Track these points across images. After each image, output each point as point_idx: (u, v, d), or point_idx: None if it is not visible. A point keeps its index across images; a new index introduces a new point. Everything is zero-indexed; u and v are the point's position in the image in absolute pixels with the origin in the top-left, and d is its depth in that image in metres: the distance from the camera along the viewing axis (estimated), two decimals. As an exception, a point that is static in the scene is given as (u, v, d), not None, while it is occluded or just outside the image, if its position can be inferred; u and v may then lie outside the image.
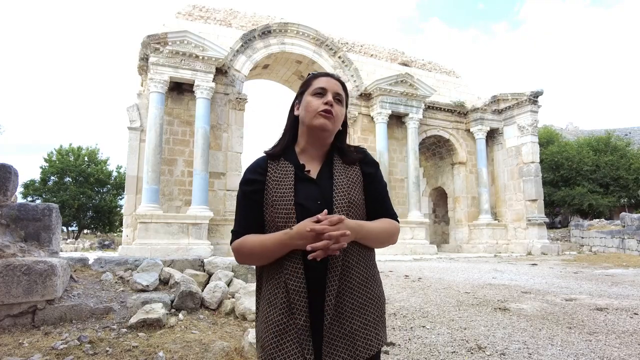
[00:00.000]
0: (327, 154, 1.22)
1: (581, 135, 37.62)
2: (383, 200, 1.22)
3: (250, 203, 1.15)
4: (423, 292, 5.49)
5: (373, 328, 1.08)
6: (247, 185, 1.16)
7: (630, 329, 3.46)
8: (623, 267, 9.42)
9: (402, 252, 14.14)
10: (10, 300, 2.97)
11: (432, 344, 3.08)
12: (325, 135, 1.18)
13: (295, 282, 1.04)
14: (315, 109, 1.15)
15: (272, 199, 1.11)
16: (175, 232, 11.51)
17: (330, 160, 1.20)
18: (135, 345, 2.76)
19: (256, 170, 1.17)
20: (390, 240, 1.19)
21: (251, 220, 1.14)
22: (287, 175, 1.14)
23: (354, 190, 1.15)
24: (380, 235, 1.15)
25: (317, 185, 1.14)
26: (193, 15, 14.29)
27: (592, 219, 21.71)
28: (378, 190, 1.21)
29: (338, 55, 15.71)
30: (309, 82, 1.21)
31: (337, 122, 1.18)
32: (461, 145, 17.78)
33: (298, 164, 1.17)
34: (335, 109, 1.16)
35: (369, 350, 1.05)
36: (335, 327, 1.04)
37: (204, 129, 12.38)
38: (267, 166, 1.17)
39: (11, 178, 3.92)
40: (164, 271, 4.38)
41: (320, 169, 1.19)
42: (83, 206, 29.01)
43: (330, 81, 1.19)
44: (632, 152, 27.96)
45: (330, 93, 1.17)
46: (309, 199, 1.10)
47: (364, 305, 1.09)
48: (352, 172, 1.18)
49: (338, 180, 1.15)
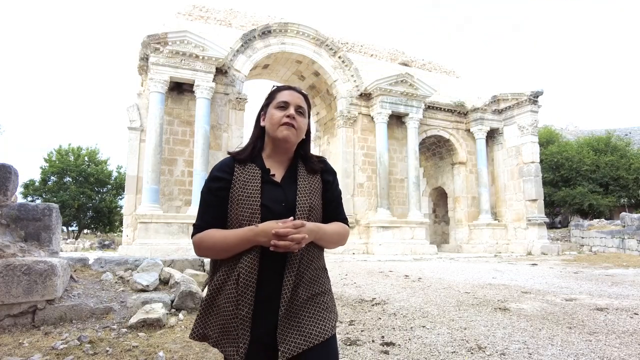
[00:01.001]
0: (291, 160, 1.31)
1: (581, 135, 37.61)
2: (337, 206, 1.33)
3: (215, 199, 1.22)
4: (423, 292, 5.49)
5: (325, 315, 1.19)
6: (213, 182, 1.24)
7: (630, 329, 3.46)
8: (623, 267, 9.42)
9: (402, 252, 14.14)
10: (11, 300, 2.97)
11: (432, 344, 3.08)
12: (288, 146, 1.27)
13: (247, 276, 1.12)
14: (278, 122, 1.23)
15: (238, 198, 1.19)
16: (175, 232, 11.51)
17: (295, 167, 1.30)
18: (136, 345, 2.76)
19: (223, 169, 1.24)
20: (341, 241, 1.30)
21: (214, 216, 1.21)
22: (254, 177, 1.22)
23: (315, 196, 1.26)
24: (334, 237, 1.26)
25: (281, 189, 1.24)
26: (193, 15, 14.30)
27: (592, 219, 21.71)
28: (334, 197, 1.33)
29: (338, 55, 15.71)
30: (273, 95, 1.29)
31: (300, 133, 1.27)
32: (461, 145, 17.78)
33: (264, 168, 1.25)
34: (297, 121, 1.24)
35: (320, 336, 1.14)
36: (289, 316, 1.13)
37: (204, 129, 12.38)
38: (235, 167, 1.24)
39: (11, 178, 3.92)
40: (164, 271, 4.38)
41: (284, 174, 1.28)
42: (83, 206, 29.01)
43: (292, 94, 1.27)
44: (632, 152, 27.95)
45: (292, 106, 1.25)
46: (274, 201, 1.20)
47: (316, 297, 1.19)
48: (314, 179, 1.29)
49: (301, 186, 1.25)
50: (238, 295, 1.12)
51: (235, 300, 1.13)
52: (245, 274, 1.13)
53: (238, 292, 1.13)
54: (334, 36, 16.40)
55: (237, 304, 1.12)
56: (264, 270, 1.14)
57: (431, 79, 17.81)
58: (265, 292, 1.14)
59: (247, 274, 1.12)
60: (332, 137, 16.55)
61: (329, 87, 16.24)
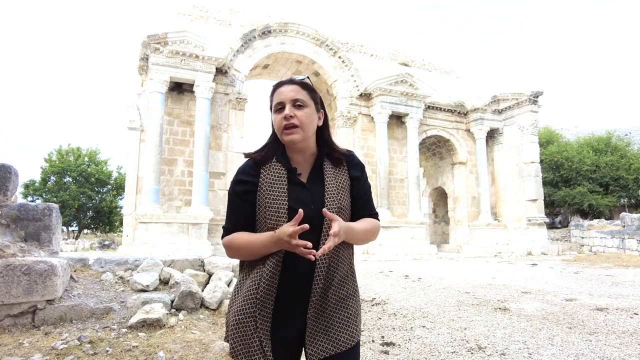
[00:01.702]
0: (315, 156, 1.26)
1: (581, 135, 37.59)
2: (367, 201, 1.29)
3: (241, 202, 1.20)
4: (423, 292, 5.49)
5: (353, 321, 1.16)
6: (238, 185, 1.21)
7: (630, 329, 3.46)
8: (623, 267, 9.42)
9: (402, 252, 14.14)
10: (11, 300, 2.97)
11: (432, 344, 3.07)
12: (299, 146, 1.21)
13: (268, 281, 1.10)
14: (280, 127, 1.19)
15: (265, 201, 1.16)
16: (175, 232, 11.50)
17: (320, 165, 1.24)
18: (136, 345, 2.76)
19: (249, 172, 1.21)
20: (371, 238, 1.26)
21: (241, 219, 1.19)
22: (280, 178, 1.18)
23: (343, 195, 1.22)
24: (365, 235, 1.22)
25: (307, 190, 1.19)
26: (193, 15, 14.29)
27: (592, 219, 21.70)
28: (362, 192, 1.28)
29: (338, 55, 15.71)
30: (271, 99, 1.24)
31: (306, 128, 1.19)
32: (461, 145, 17.78)
33: (290, 167, 1.21)
34: (297, 117, 1.17)
35: (349, 342, 1.12)
36: (318, 319, 1.11)
37: (204, 129, 12.37)
38: (260, 169, 1.21)
39: (11, 178, 3.92)
40: (164, 271, 4.38)
41: (310, 173, 1.23)
42: (83, 206, 29.00)
43: (283, 90, 1.20)
44: (632, 152, 27.94)
45: (288, 104, 1.18)
46: (301, 203, 1.14)
47: (345, 300, 1.17)
48: (341, 176, 1.24)
49: (329, 185, 1.20)
50: (258, 300, 1.10)
51: (255, 305, 1.11)
52: (267, 279, 1.11)
53: (258, 297, 1.11)
54: (334, 36, 16.40)
55: (258, 308, 1.10)
56: (290, 271, 1.12)
57: (431, 79, 17.80)
58: (292, 294, 1.13)
59: (268, 279, 1.10)
60: (332, 137, 16.52)
61: (329, 87, 16.24)
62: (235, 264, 4.90)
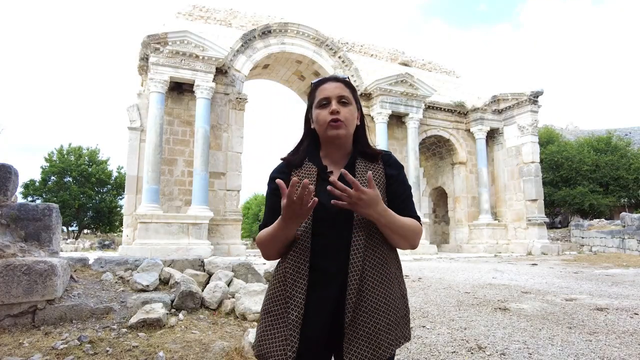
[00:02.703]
0: (349, 156, 1.25)
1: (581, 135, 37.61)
2: (406, 202, 1.21)
3: (276, 199, 1.17)
4: (423, 292, 5.49)
5: (395, 327, 1.09)
6: (273, 183, 1.20)
7: (631, 329, 3.46)
8: (623, 267, 9.42)
9: (402, 252, 14.14)
10: (11, 300, 2.97)
11: (432, 344, 3.08)
12: (342, 142, 1.21)
13: (294, 276, 1.09)
14: (325, 121, 1.18)
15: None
16: (175, 232, 11.50)
17: (353, 163, 1.22)
18: (136, 345, 2.76)
19: (282, 170, 1.23)
20: (413, 238, 1.15)
21: (273, 215, 1.18)
22: (310, 175, 1.19)
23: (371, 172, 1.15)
24: (404, 229, 1.12)
25: None
26: (193, 15, 14.29)
27: (592, 219, 21.70)
28: (400, 192, 1.21)
29: (338, 55, 15.71)
30: (313, 94, 1.24)
31: (350, 125, 1.20)
32: (461, 145, 17.78)
33: (321, 165, 1.21)
34: (342, 113, 1.18)
35: (390, 349, 1.06)
36: (357, 325, 1.05)
37: (204, 129, 12.38)
38: (292, 169, 1.23)
39: (11, 178, 3.92)
40: (164, 271, 4.37)
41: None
42: (83, 206, 29.00)
43: (330, 86, 1.20)
44: (632, 152, 27.95)
45: (334, 100, 1.18)
46: (330, 199, 1.10)
47: (386, 304, 1.09)
48: (375, 172, 1.20)
49: (360, 180, 1.16)
50: (287, 298, 1.08)
51: (284, 302, 1.09)
52: (293, 274, 1.09)
53: (286, 294, 1.09)
54: (334, 36, 16.40)
55: (286, 307, 1.08)
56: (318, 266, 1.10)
57: (431, 79, 17.80)
58: (320, 292, 1.09)
59: (294, 275, 1.09)
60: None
61: (329, 87, 16.22)
62: (235, 263, 4.91)
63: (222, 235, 12.67)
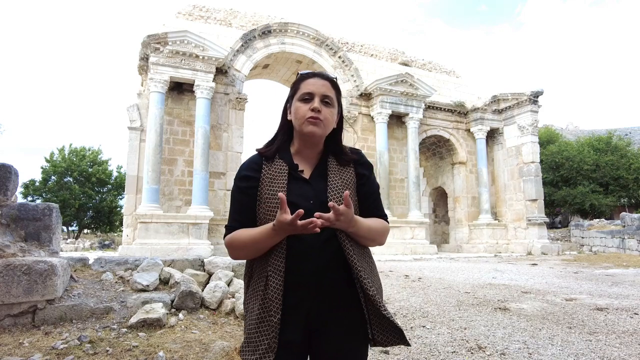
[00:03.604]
0: (321, 154, 1.24)
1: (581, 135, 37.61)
2: (375, 201, 1.25)
3: (245, 198, 1.17)
4: (423, 292, 5.49)
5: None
6: (242, 181, 1.19)
7: (631, 329, 3.46)
8: (623, 267, 9.42)
9: (402, 252, 14.14)
10: (11, 300, 2.97)
11: (432, 344, 3.08)
12: (315, 140, 1.20)
13: (275, 279, 1.08)
14: (303, 116, 1.16)
15: (265, 196, 1.15)
16: (175, 232, 11.50)
17: (325, 162, 1.22)
18: (136, 345, 2.76)
19: (251, 167, 1.20)
20: (380, 238, 1.20)
21: (245, 216, 1.17)
22: (281, 174, 1.16)
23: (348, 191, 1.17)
24: (372, 233, 1.17)
25: (310, 185, 1.17)
26: (193, 15, 14.29)
27: (592, 218, 21.70)
28: (371, 192, 1.24)
29: (338, 55, 15.71)
30: (297, 85, 1.21)
31: (327, 126, 1.18)
32: (461, 145, 17.78)
33: (292, 164, 1.19)
34: (323, 112, 1.16)
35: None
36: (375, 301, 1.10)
37: (204, 129, 12.38)
38: (262, 164, 1.20)
39: (11, 178, 3.92)
40: (164, 271, 4.38)
41: (313, 170, 1.21)
42: (83, 206, 28.99)
43: (317, 83, 1.18)
44: (632, 152, 27.95)
45: (317, 97, 1.16)
46: (302, 198, 1.13)
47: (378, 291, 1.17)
48: (346, 173, 1.21)
49: (332, 181, 1.17)
50: (266, 300, 1.08)
51: (265, 305, 1.08)
52: (274, 277, 1.08)
53: (266, 296, 1.08)
54: (334, 36, 16.40)
55: (267, 310, 1.07)
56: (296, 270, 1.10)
57: (431, 79, 17.80)
58: (299, 295, 1.09)
59: (275, 278, 1.08)
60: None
61: (329, 87, 16.22)
62: (235, 263, 4.90)
63: (222, 235, 12.53)
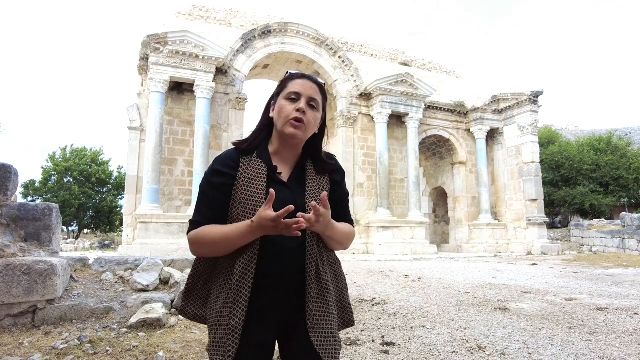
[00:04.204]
0: (299, 157, 1.23)
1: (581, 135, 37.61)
2: (344, 207, 1.29)
3: (217, 194, 1.14)
4: (423, 292, 5.49)
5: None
6: (215, 176, 1.15)
7: (631, 329, 3.46)
8: (623, 267, 9.42)
9: (402, 252, 14.14)
10: (11, 300, 2.98)
11: (432, 344, 3.08)
12: (295, 143, 1.17)
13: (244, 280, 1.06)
14: (287, 116, 1.13)
15: (241, 196, 1.11)
16: (175, 232, 11.51)
17: (303, 166, 1.21)
18: (136, 345, 2.76)
19: (227, 164, 1.16)
20: (347, 243, 1.25)
21: (215, 212, 1.13)
22: (260, 175, 1.13)
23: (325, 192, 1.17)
24: (342, 236, 1.21)
25: (289, 190, 1.16)
26: (193, 15, 14.29)
27: (592, 218, 21.70)
28: (341, 197, 1.28)
29: (338, 55, 15.71)
30: (285, 84, 1.18)
31: (309, 130, 1.17)
32: (461, 145, 17.78)
33: (271, 165, 1.17)
34: (307, 116, 1.14)
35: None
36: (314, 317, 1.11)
37: (204, 129, 12.38)
38: (240, 161, 1.16)
39: (11, 178, 3.92)
40: (164, 271, 4.38)
41: (291, 173, 1.20)
42: (83, 206, 29.00)
43: (305, 84, 1.16)
44: (632, 152, 27.95)
45: (304, 99, 1.14)
46: (280, 202, 1.08)
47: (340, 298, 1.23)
48: (322, 180, 1.23)
49: (310, 187, 1.18)
50: (233, 301, 1.05)
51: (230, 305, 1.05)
52: (239, 279, 1.05)
53: (230, 297, 1.06)
54: (334, 36, 16.40)
55: (230, 312, 1.05)
56: (267, 269, 1.08)
57: (431, 79, 17.80)
58: (268, 296, 1.09)
59: (241, 279, 1.05)
60: (332, 137, 16.56)
61: (329, 87, 16.23)
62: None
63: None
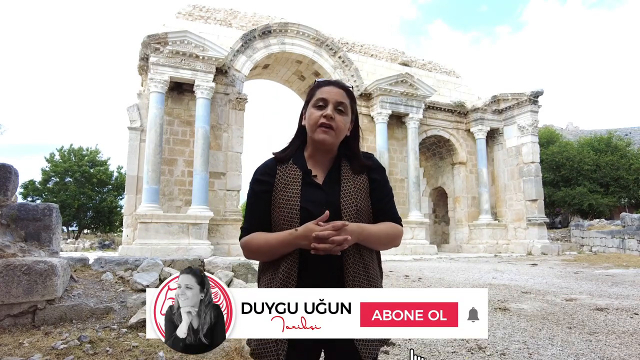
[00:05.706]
0: (334, 160, 1.25)
1: (581, 135, 37.62)
2: (387, 204, 1.25)
3: (259, 202, 1.20)
4: (423, 292, 5.48)
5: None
6: (256, 185, 1.22)
7: (631, 329, 3.46)
8: (623, 267, 9.41)
9: (402, 252, 14.13)
10: (11, 300, 2.97)
11: (432, 344, 3.08)
12: (327, 147, 1.21)
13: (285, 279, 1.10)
14: (315, 122, 1.18)
15: (279, 201, 1.17)
16: (175, 232, 11.51)
17: (338, 167, 1.23)
18: (136, 345, 2.76)
19: (266, 172, 1.22)
20: (392, 242, 1.22)
21: (259, 219, 1.19)
22: (295, 179, 1.18)
23: (361, 197, 1.19)
24: (382, 238, 1.18)
25: (323, 191, 1.18)
26: (193, 15, 14.29)
27: (592, 219, 21.70)
28: (383, 195, 1.25)
29: (338, 55, 15.71)
30: (313, 92, 1.23)
31: (339, 133, 1.20)
32: (461, 145, 17.78)
33: (306, 169, 1.21)
34: (336, 120, 1.17)
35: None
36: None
37: (204, 129, 12.38)
38: (277, 168, 1.22)
39: (11, 178, 3.92)
40: (164, 271, 4.38)
41: (326, 175, 1.22)
42: (83, 206, 28.99)
43: (332, 91, 1.20)
44: (632, 152, 27.96)
45: (331, 104, 1.18)
46: (315, 204, 1.14)
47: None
48: (359, 179, 1.22)
49: (345, 187, 1.19)
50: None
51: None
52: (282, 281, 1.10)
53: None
54: (334, 36, 16.40)
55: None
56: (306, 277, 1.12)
57: (431, 79, 17.80)
58: None
59: (284, 282, 1.10)
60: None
61: (329, 87, 16.22)
62: (235, 263, 4.91)
63: (222, 235, 12.67)
